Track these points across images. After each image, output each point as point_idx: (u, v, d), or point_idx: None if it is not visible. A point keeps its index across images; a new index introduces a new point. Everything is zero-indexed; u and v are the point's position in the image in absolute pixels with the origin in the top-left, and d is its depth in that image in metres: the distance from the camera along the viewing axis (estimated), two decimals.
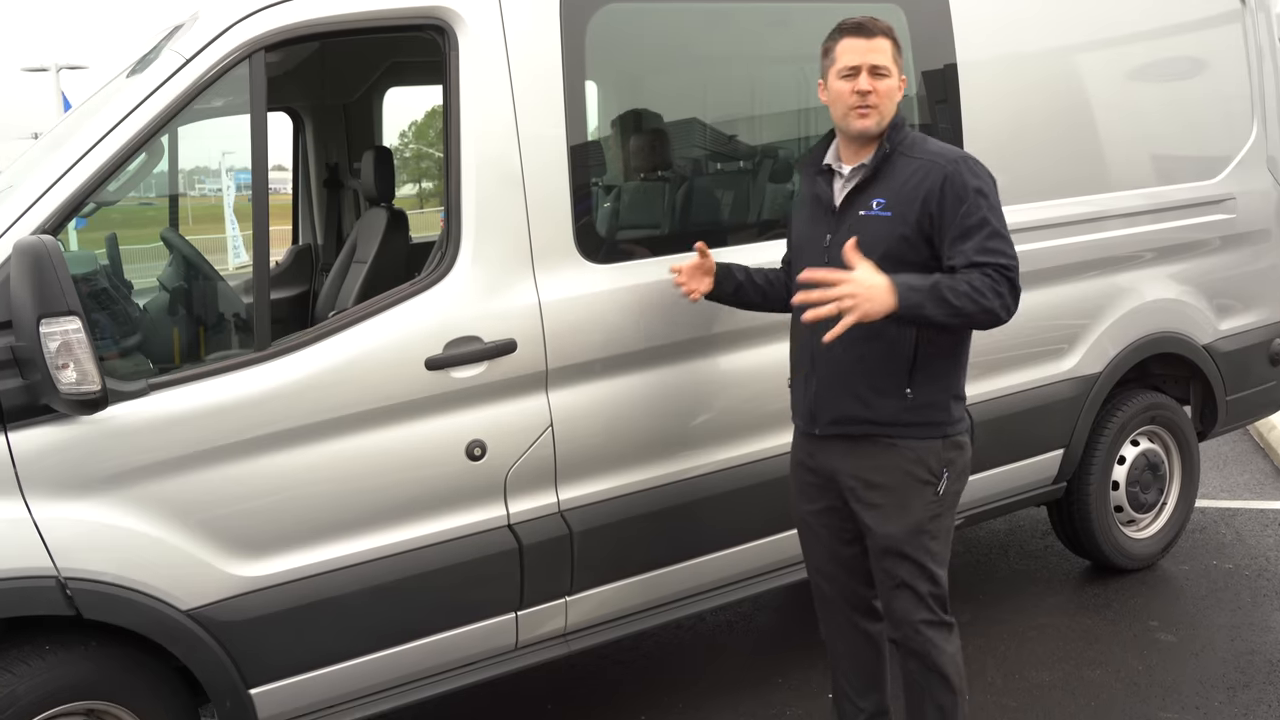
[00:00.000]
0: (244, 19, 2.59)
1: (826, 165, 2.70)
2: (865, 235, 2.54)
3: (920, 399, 2.59)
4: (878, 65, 2.54)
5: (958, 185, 2.51)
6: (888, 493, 2.63)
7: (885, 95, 2.55)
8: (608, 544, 3.06)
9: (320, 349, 2.67)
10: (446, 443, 2.81)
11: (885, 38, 2.57)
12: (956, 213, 2.50)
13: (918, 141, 2.64)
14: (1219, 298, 4.42)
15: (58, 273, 2.20)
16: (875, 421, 2.61)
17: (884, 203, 2.57)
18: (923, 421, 2.61)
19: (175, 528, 2.53)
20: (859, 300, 2.35)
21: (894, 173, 2.58)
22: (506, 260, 2.87)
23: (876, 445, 2.63)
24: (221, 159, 27.37)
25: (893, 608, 2.71)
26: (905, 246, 2.54)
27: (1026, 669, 3.72)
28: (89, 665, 2.50)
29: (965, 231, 2.49)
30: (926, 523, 2.64)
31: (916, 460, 2.61)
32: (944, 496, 2.66)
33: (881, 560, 2.68)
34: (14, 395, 2.34)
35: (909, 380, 2.58)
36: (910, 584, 2.65)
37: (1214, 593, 4.26)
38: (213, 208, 28.67)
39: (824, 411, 2.67)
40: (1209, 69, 4.39)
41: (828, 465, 2.72)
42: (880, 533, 2.64)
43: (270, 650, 2.66)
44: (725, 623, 4.25)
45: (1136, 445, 4.36)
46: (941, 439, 2.63)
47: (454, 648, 2.91)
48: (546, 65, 2.90)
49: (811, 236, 2.70)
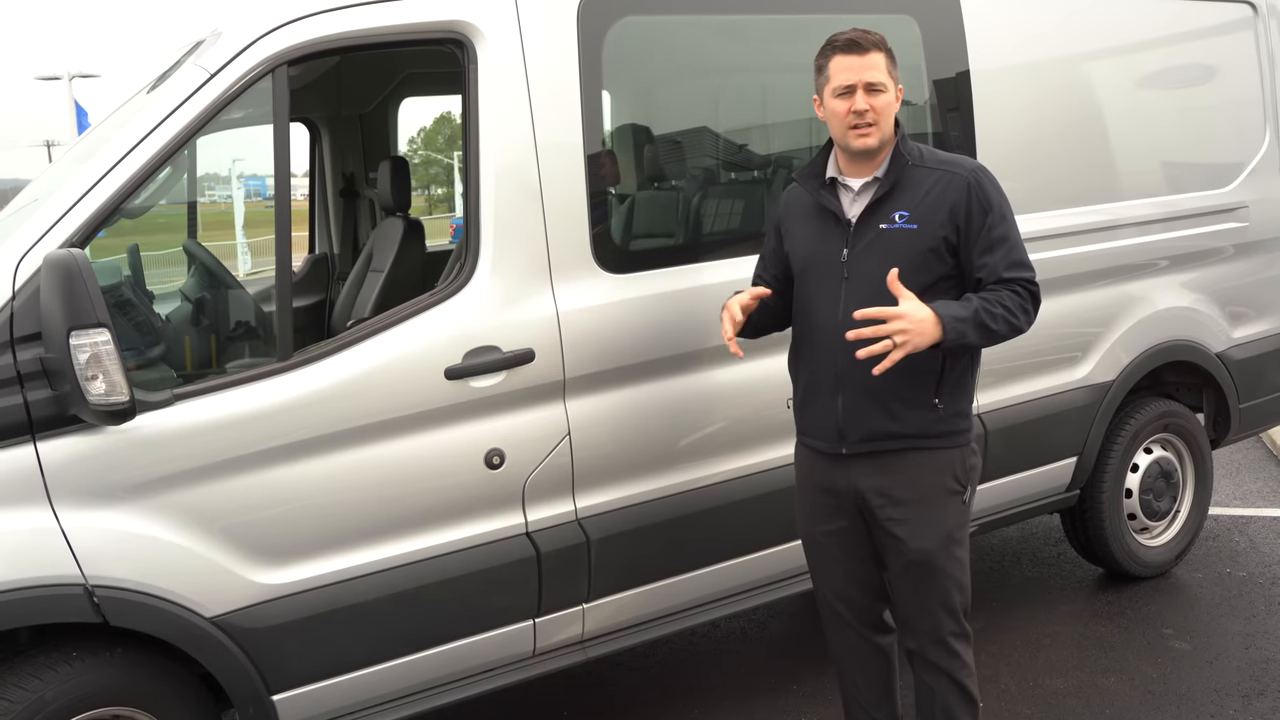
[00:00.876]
0: (268, 34, 2.63)
1: (830, 178, 2.65)
2: (889, 250, 2.53)
3: (949, 409, 2.60)
4: (873, 82, 2.50)
5: (982, 196, 2.53)
6: (917, 506, 2.61)
7: (883, 111, 2.52)
8: (624, 551, 3.09)
9: (342, 359, 2.70)
10: (466, 451, 2.84)
11: (878, 51, 2.52)
12: (983, 224, 2.52)
13: (924, 150, 2.64)
14: (1232, 305, 4.43)
15: (87, 286, 2.23)
16: (907, 435, 2.59)
17: (907, 215, 2.54)
18: (950, 431, 2.62)
19: (199, 536, 2.56)
20: (910, 335, 2.36)
21: (911, 184, 2.57)
22: (525, 270, 2.90)
23: (905, 459, 2.61)
24: (231, 166, 27.49)
25: (919, 621, 2.69)
26: (932, 259, 2.53)
27: (1041, 676, 3.73)
28: (115, 671, 2.53)
29: (991, 244, 2.51)
30: (956, 531, 2.65)
31: (946, 470, 2.62)
32: (968, 505, 2.68)
33: (910, 574, 2.65)
34: (43, 406, 2.38)
35: (937, 391, 2.58)
36: (942, 596, 2.64)
37: (1228, 600, 4.26)
38: (221, 214, 28.78)
39: (854, 429, 2.61)
40: (1221, 77, 4.40)
41: (848, 484, 2.66)
42: (913, 546, 2.61)
43: (292, 657, 2.69)
44: (739, 630, 4.26)
45: (1150, 453, 4.36)
46: (964, 447, 2.65)
47: (472, 654, 2.94)
48: (564, 78, 2.93)
49: (824, 251, 2.64)
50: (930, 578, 2.64)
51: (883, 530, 2.66)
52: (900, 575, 2.68)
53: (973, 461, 2.68)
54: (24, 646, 2.51)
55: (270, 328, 2.97)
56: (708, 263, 3.19)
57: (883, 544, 2.68)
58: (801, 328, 2.73)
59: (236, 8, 2.80)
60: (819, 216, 2.67)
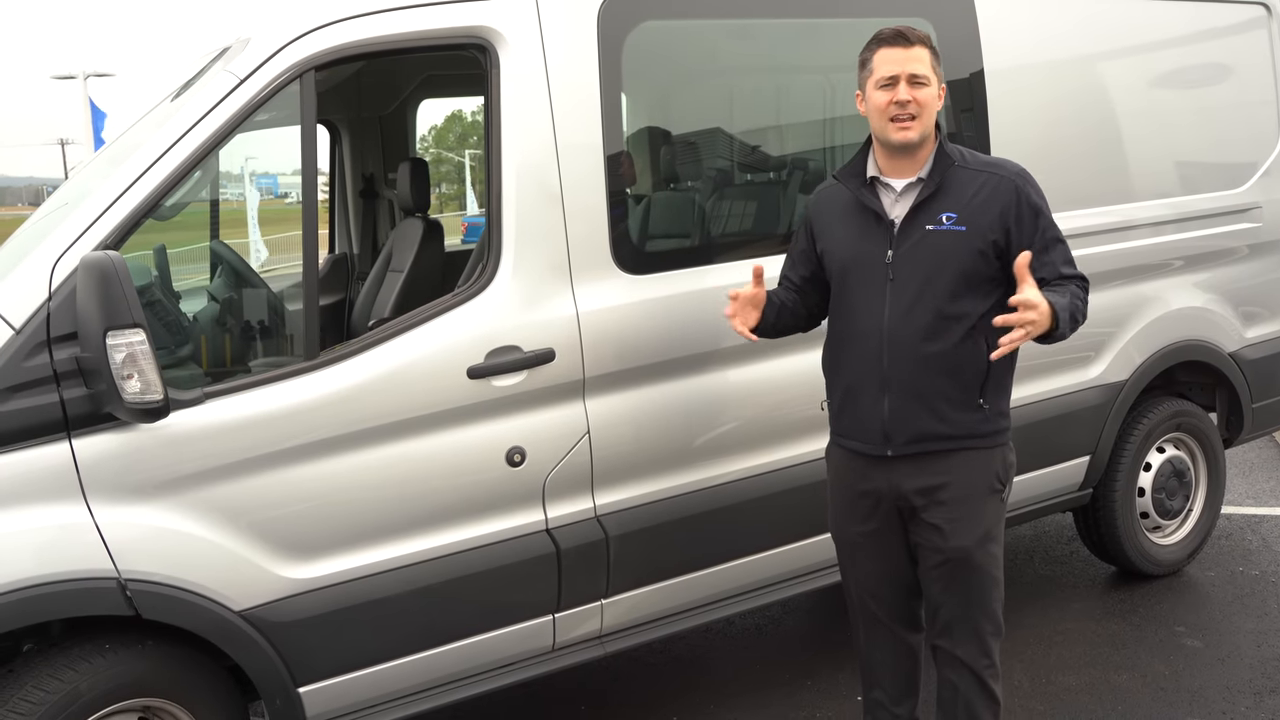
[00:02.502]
0: (296, 40, 2.68)
1: (872, 177, 2.62)
2: (936, 251, 2.54)
3: (993, 409, 2.62)
4: (916, 74, 2.49)
5: (1031, 199, 2.57)
6: (960, 505, 2.62)
7: (925, 105, 2.49)
8: (643, 548, 3.13)
9: (367, 358, 2.75)
10: (487, 449, 2.89)
11: (923, 46, 2.52)
12: (1036, 225, 2.55)
13: (965, 152, 2.64)
14: (1245, 305, 4.45)
15: (124, 287, 2.29)
16: (954, 436, 2.60)
17: (955, 217, 2.53)
18: (994, 430, 2.64)
19: (228, 531, 2.62)
20: (1039, 325, 2.38)
21: (957, 185, 2.55)
22: (545, 271, 2.94)
23: (950, 460, 2.61)
24: (244, 164, 27.60)
25: (954, 619, 2.69)
26: (979, 261, 2.53)
27: (1053, 673, 3.76)
28: (146, 664, 2.58)
29: (1048, 244, 2.56)
30: (994, 529, 2.67)
31: (989, 469, 2.64)
32: (1005, 502, 2.71)
33: (947, 571, 2.65)
34: (79, 404, 2.44)
35: (981, 391, 2.59)
36: (979, 594, 2.66)
37: (1240, 599, 4.28)
38: (234, 212, 28.90)
39: (901, 431, 2.60)
40: (1235, 78, 4.42)
41: (890, 485, 2.65)
42: (952, 544, 2.61)
43: (318, 650, 2.74)
44: (754, 626, 4.31)
45: (1162, 452, 4.38)
46: (1005, 446, 2.68)
47: (493, 649, 2.99)
48: (585, 82, 2.97)
49: (867, 251, 2.60)
50: (969, 575, 2.65)
51: (923, 528, 2.66)
52: (936, 572, 2.68)
53: (1012, 459, 2.71)
54: (57, 639, 2.57)
55: (296, 328, 3.02)
56: (726, 264, 3.23)
57: (920, 542, 2.68)
58: (842, 330, 2.70)
59: (260, 14, 2.86)
60: (859, 216, 2.63)
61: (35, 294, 2.43)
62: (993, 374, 2.60)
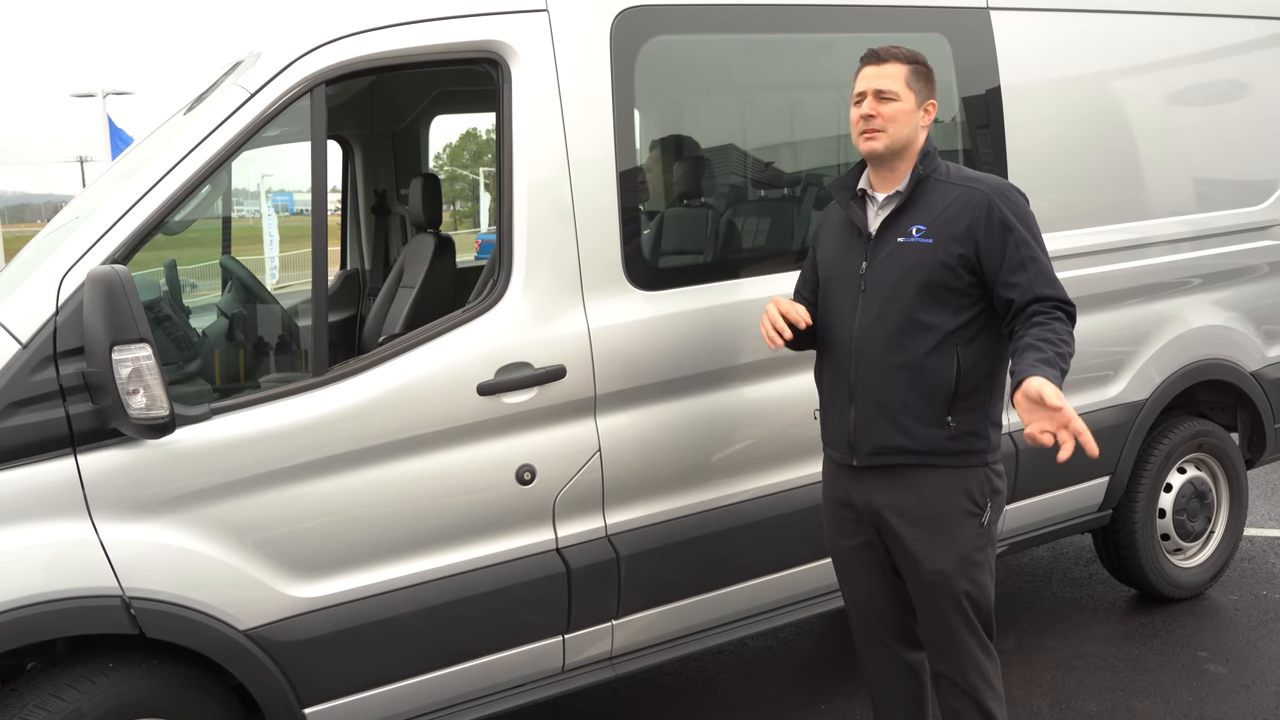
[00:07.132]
0: (306, 54, 2.67)
1: (861, 190, 2.69)
2: (904, 263, 2.55)
3: (962, 427, 2.58)
4: (882, 90, 2.56)
5: (1001, 215, 2.52)
6: (932, 525, 2.60)
7: (891, 119, 2.55)
8: (654, 568, 3.09)
9: (376, 374, 2.73)
10: (497, 467, 2.85)
11: (898, 63, 2.57)
12: (1004, 242, 2.51)
13: (953, 169, 2.65)
14: (1267, 324, 4.39)
15: (130, 301, 2.27)
16: (917, 451, 2.58)
17: (924, 229, 2.56)
18: (965, 450, 2.60)
19: (234, 549, 2.59)
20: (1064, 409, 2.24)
21: (931, 199, 2.59)
22: (557, 287, 2.92)
23: (917, 476, 2.60)
24: (260, 181, 27.77)
25: (940, 643, 2.68)
26: (946, 273, 2.53)
27: (1074, 699, 3.68)
28: (150, 683, 2.55)
29: (1022, 263, 2.50)
30: (974, 554, 2.62)
31: (961, 490, 2.60)
32: (988, 528, 2.65)
33: (927, 594, 2.64)
34: (84, 419, 2.41)
35: (950, 409, 2.56)
36: (960, 620, 2.63)
37: (1264, 623, 4.20)
38: (249, 229, 29.08)
39: (864, 442, 2.63)
40: (1252, 94, 4.37)
41: (865, 499, 2.67)
42: (928, 568, 2.60)
43: (325, 670, 2.70)
44: (766, 648, 4.24)
45: (1183, 473, 4.32)
46: (984, 467, 2.63)
47: (502, 670, 2.94)
48: (597, 97, 2.95)
49: (846, 265, 2.67)
50: (946, 599, 2.62)
51: (896, 546, 2.65)
52: (917, 594, 2.68)
53: (997, 485, 2.65)
54: (61, 657, 2.54)
55: (305, 344, 3.00)
56: (738, 280, 3.20)
57: (899, 561, 2.68)
58: (823, 339, 2.75)
59: (274, 29, 2.85)
60: (847, 229, 2.72)
61: (42, 308, 2.42)
62: (962, 391, 2.55)
